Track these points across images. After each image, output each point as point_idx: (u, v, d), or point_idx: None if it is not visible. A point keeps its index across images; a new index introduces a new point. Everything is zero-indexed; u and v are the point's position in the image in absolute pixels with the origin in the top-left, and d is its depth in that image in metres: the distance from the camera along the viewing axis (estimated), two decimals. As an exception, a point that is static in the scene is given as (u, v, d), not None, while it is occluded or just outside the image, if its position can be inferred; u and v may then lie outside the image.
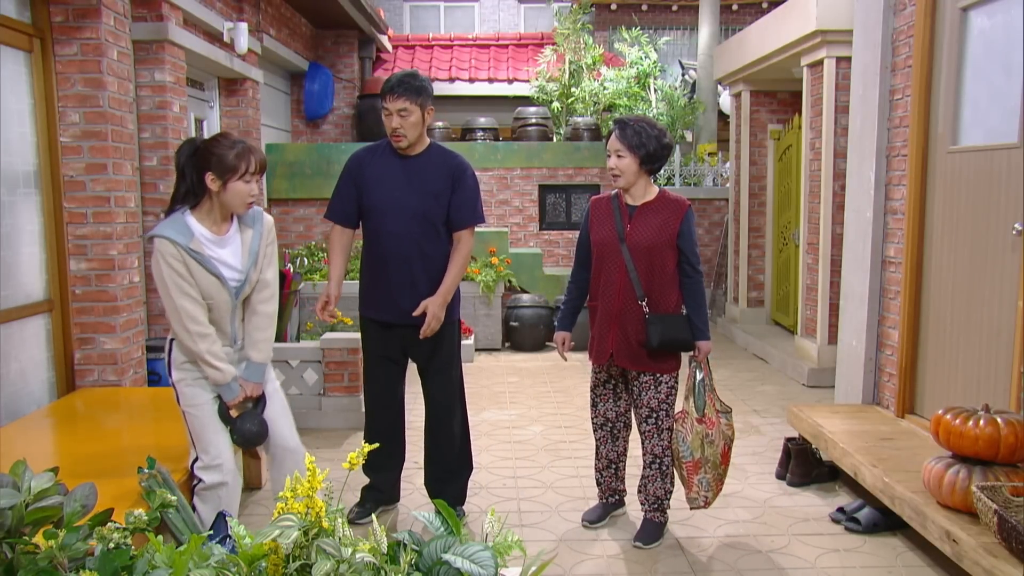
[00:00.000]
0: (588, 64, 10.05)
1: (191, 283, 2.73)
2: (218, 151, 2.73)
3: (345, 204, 3.50)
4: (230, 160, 2.73)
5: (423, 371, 3.63)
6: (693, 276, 3.39)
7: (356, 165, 3.50)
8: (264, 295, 2.93)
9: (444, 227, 3.46)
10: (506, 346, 7.81)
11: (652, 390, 3.40)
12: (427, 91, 3.36)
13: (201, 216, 2.79)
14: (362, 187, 3.46)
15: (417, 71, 3.45)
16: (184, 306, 2.72)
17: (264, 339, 2.95)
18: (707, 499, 3.38)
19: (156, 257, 2.71)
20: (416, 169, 3.43)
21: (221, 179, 2.73)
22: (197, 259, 2.72)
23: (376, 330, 3.57)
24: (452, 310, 3.54)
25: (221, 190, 2.75)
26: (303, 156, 8.59)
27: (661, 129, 3.36)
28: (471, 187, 3.47)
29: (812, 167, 6.44)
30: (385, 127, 3.39)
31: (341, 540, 1.56)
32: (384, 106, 3.34)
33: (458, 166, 3.46)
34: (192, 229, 2.75)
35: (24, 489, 1.57)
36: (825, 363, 6.11)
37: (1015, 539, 2.58)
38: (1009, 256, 3.59)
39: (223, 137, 2.81)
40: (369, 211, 3.47)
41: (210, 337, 2.78)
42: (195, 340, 2.74)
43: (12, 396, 3.92)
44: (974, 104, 3.92)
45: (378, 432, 3.57)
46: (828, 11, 5.81)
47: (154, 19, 5.17)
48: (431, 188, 3.41)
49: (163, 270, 2.70)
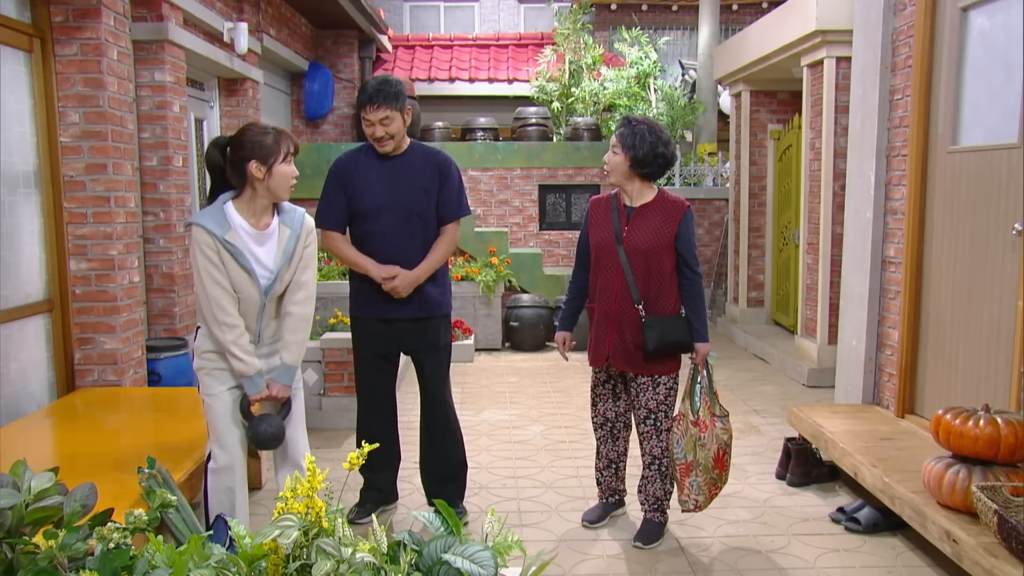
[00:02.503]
0: (588, 64, 10.06)
1: (223, 272, 2.74)
2: (255, 139, 2.75)
3: (336, 210, 3.53)
4: (269, 144, 2.75)
5: (420, 365, 3.64)
6: (691, 278, 3.38)
7: (342, 170, 3.53)
8: (298, 296, 2.92)
9: (434, 221, 3.53)
10: (506, 346, 7.81)
11: (650, 391, 3.40)
12: (403, 94, 3.41)
13: (241, 207, 2.79)
14: (351, 191, 3.50)
15: (389, 76, 3.46)
16: (215, 294, 2.73)
17: (296, 341, 2.93)
18: (698, 503, 3.35)
19: (192, 244, 2.74)
20: (403, 168, 3.48)
21: (265, 164, 2.74)
22: (231, 251, 2.73)
23: (370, 328, 3.59)
24: (447, 303, 3.63)
25: (267, 176, 2.75)
26: (303, 156, 8.58)
27: (664, 139, 3.32)
28: (456, 181, 3.56)
29: (812, 167, 6.44)
30: (367, 135, 3.43)
31: (341, 540, 1.56)
32: (365, 117, 3.37)
33: (443, 161, 3.54)
34: (231, 220, 2.76)
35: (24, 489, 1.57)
36: (825, 363, 6.11)
37: (1015, 539, 2.58)
38: (1009, 256, 3.59)
39: (253, 126, 2.83)
40: (361, 213, 3.50)
41: (238, 328, 2.78)
42: (223, 330, 2.75)
43: (12, 396, 3.92)
44: (974, 104, 3.92)
45: (372, 431, 3.59)
46: (828, 11, 5.81)
47: (154, 19, 5.17)
48: (420, 185, 3.47)
49: (197, 257, 2.72)
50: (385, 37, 11.05)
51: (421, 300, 3.51)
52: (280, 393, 2.90)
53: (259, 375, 2.84)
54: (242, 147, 2.76)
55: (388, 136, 3.39)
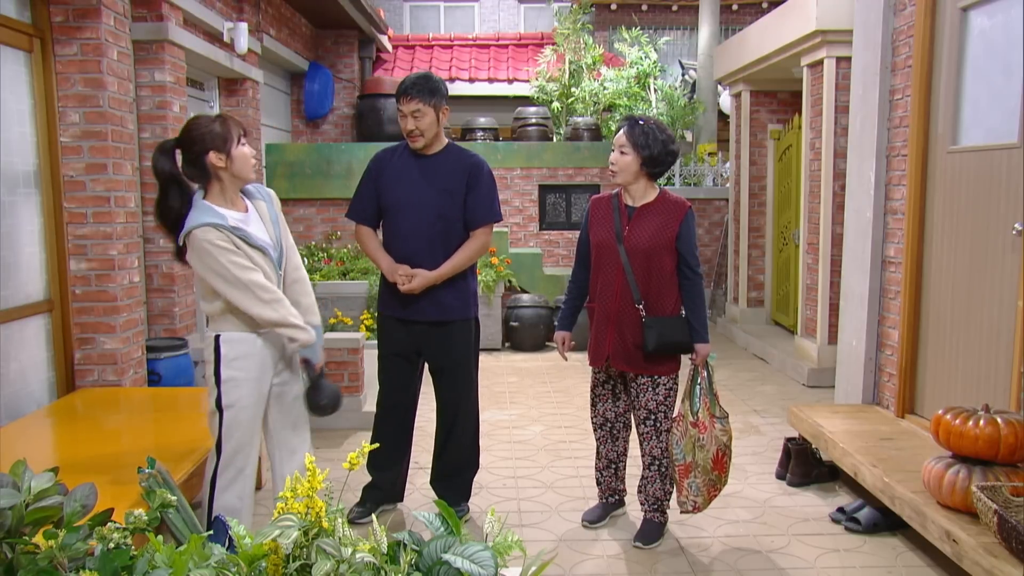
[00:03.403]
0: (588, 64, 10.05)
1: (246, 257, 2.69)
2: (206, 129, 2.71)
3: (366, 204, 3.57)
4: (220, 131, 2.72)
5: (437, 370, 3.63)
6: (692, 278, 3.38)
7: (376, 165, 3.57)
8: (295, 260, 2.96)
9: (461, 225, 3.51)
10: (506, 346, 7.81)
11: (650, 392, 3.40)
12: (441, 92, 3.43)
13: (216, 200, 2.76)
14: (381, 187, 3.52)
15: (431, 73, 3.51)
16: (250, 278, 2.68)
17: (311, 303, 2.98)
18: (696, 504, 3.35)
19: (203, 248, 2.63)
20: (433, 168, 3.49)
21: (224, 151, 2.71)
22: (240, 235, 2.70)
23: (393, 327, 3.59)
24: (468, 307, 3.60)
25: (229, 163, 2.72)
26: (303, 156, 8.59)
27: (670, 135, 3.36)
28: (487, 185, 3.53)
29: (812, 167, 6.44)
30: (401, 128, 3.45)
31: (341, 540, 1.56)
32: (399, 108, 3.42)
33: (474, 164, 3.52)
34: (220, 212, 2.72)
35: (24, 489, 1.57)
36: (825, 363, 6.11)
37: (1015, 539, 2.58)
38: (1009, 256, 3.59)
39: (196, 119, 2.78)
40: (388, 210, 3.53)
41: (285, 301, 2.77)
42: (273, 307, 2.71)
43: (12, 396, 3.92)
44: (974, 104, 3.92)
45: (387, 430, 3.60)
46: (828, 11, 5.81)
47: (154, 19, 5.17)
48: (447, 186, 3.47)
49: (216, 255, 2.64)
50: (385, 37, 11.05)
51: (438, 303, 3.50)
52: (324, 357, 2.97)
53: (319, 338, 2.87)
54: (195, 142, 2.71)
55: (419, 132, 3.40)
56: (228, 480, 2.82)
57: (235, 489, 2.83)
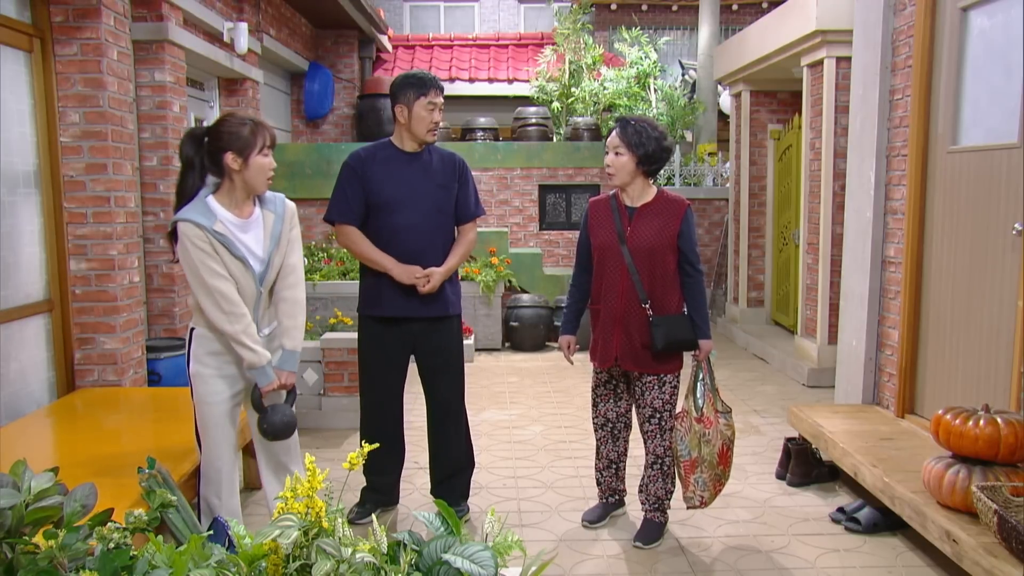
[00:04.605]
0: (588, 64, 10.05)
1: (220, 263, 2.68)
2: (232, 129, 2.71)
3: (352, 204, 3.49)
4: (246, 136, 2.71)
5: (431, 368, 3.62)
6: (694, 275, 3.39)
7: (359, 164, 3.50)
8: (290, 280, 2.89)
9: (453, 219, 3.59)
10: (506, 346, 7.81)
11: (656, 390, 3.40)
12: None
13: (222, 199, 2.75)
14: (370, 184, 3.47)
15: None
16: (217, 286, 2.67)
17: (295, 326, 2.90)
18: (703, 499, 3.36)
19: (182, 242, 2.67)
20: (423, 165, 3.52)
21: (242, 156, 2.70)
22: (222, 241, 2.68)
23: (380, 328, 3.55)
24: (460, 302, 3.66)
25: (244, 168, 2.71)
26: (303, 156, 8.59)
27: (662, 131, 3.36)
28: (472, 182, 3.66)
29: (812, 167, 6.44)
30: (424, 121, 3.42)
31: (341, 540, 1.56)
32: (431, 100, 3.41)
33: (461, 162, 3.62)
34: (215, 212, 2.71)
35: (24, 489, 1.57)
36: (825, 363, 6.11)
37: (1015, 539, 2.58)
38: (1009, 256, 3.59)
39: (231, 116, 2.77)
40: (381, 207, 3.47)
41: (246, 318, 2.73)
42: (231, 320, 2.69)
43: (12, 396, 3.92)
44: (974, 104, 3.92)
45: (377, 436, 3.56)
46: (828, 11, 5.81)
47: (154, 19, 5.17)
48: (441, 182, 3.52)
49: (191, 253, 2.65)
50: (385, 37, 11.06)
51: (439, 299, 3.51)
52: (288, 380, 2.88)
53: (269, 364, 2.81)
54: (219, 138, 2.71)
55: (438, 127, 3.48)
56: (208, 477, 2.86)
57: (212, 487, 2.85)
